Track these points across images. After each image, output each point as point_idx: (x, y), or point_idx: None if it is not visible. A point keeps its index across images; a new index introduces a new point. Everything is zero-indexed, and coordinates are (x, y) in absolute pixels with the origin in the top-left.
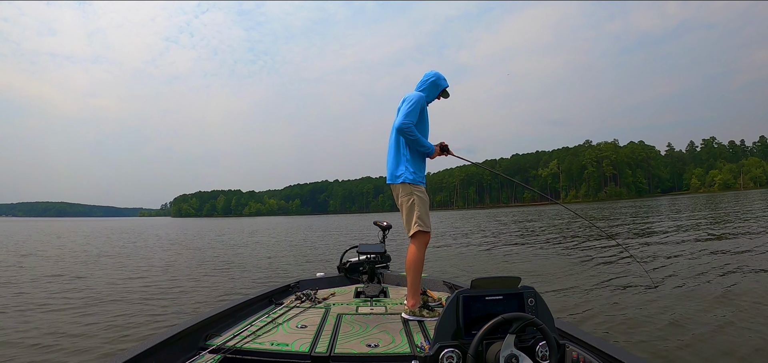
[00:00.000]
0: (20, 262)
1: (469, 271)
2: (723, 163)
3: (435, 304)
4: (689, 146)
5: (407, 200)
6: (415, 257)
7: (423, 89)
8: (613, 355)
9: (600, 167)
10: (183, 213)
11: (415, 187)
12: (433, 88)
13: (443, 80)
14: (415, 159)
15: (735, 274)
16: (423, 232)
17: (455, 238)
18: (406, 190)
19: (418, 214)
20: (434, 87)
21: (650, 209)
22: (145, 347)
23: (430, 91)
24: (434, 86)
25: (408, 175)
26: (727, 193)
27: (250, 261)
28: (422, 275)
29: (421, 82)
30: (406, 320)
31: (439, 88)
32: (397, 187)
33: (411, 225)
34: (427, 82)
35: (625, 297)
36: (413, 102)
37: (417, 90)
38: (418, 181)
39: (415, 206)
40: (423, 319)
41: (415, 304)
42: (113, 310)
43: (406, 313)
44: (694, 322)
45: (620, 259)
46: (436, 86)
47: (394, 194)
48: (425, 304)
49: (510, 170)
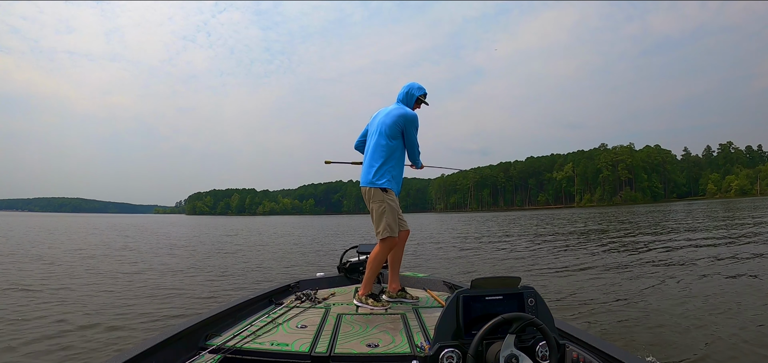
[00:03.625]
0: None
1: (470, 271)
2: (740, 169)
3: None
4: (706, 151)
5: (379, 206)
6: (378, 257)
7: (405, 102)
8: (613, 355)
9: (615, 171)
10: (197, 211)
11: (387, 194)
12: (409, 99)
13: (417, 90)
14: (398, 169)
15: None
16: (390, 237)
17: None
18: (378, 196)
19: (387, 223)
20: (409, 97)
21: (665, 214)
22: (145, 347)
23: (409, 103)
24: (409, 96)
25: (385, 182)
26: (743, 199)
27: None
28: (422, 275)
29: (402, 93)
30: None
31: (413, 98)
32: (370, 191)
33: (379, 229)
34: (405, 92)
35: (625, 297)
36: (416, 127)
37: (398, 101)
38: (393, 188)
39: (385, 214)
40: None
41: (365, 293)
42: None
43: (356, 299)
44: (694, 322)
45: (621, 260)
46: (410, 96)
47: (365, 197)
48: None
49: (525, 173)
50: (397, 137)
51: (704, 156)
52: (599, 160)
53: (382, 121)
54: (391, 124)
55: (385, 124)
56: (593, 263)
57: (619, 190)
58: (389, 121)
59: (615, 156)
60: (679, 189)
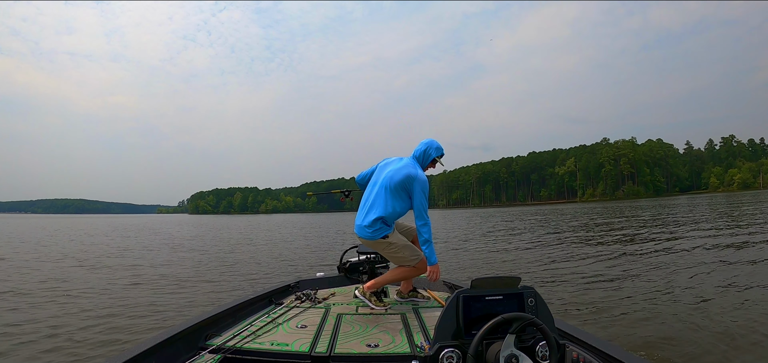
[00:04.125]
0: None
1: (470, 270)
2: (742, 162)
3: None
4: (708, 144)
5: (387, 249)
6: (405, 273)
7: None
8: (613, 355)
9: (617, 165)
10: (200, 210)
11: (391, 237)
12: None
13: (435, 150)
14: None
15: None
16: (420, 259)
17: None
18: (383, 243)
19: (404, 256)
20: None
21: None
22: (145, 347)
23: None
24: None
25: (385, 231)
26: (746, 193)
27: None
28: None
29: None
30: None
31: (430, 159)
32: (374, 243)
33: (410, 263)
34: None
35: (626, 297)
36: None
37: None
38: (391, 229)
39: (403, 251)
40: (367, 304)
41: (370, 289)
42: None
43: (359, 291)
44: (695, 322)
45: (622, 260)
46: (427, 156)
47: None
48: (376, 293)
49: (527, 168)
50: (401, 197)
51: (706, 150)
52: (601, 155)
53: (390, 175)
54: (399, 183)
55: (392, 180)
56: (594, 262)
57: (622, 184)
58: (397, 179)
59: (617, 150)
60: (681, 183)
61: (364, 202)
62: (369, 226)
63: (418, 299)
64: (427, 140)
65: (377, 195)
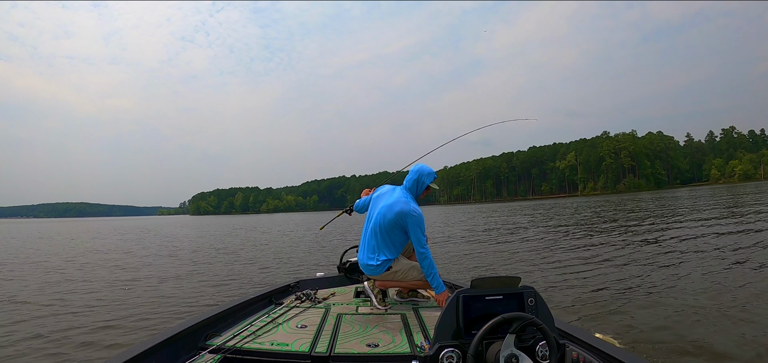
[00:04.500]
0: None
1: (470, 270)
2: (743, 153)
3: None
4: (708, 136)
5: (394, 277)
6: (417, 282)
7: (413, 189)
8: (613, 355)
9: (618, 159)
10: (201, 211)
11: (394, 265)
12: (419, 187)
13: (427, 176)
14: (399, 246)
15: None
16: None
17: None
18: (388, 275)
19: (414, 277)
20: (420, 185)
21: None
22: (145, 347)
23: (418, 191)
24: (419, 184)
25: (388, 261)
26: (747, 184)
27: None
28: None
29: (410, 180)
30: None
31: (424, 186)
32: (376, 278)
33: (418, 279)
34: (415, 180)
35: (626, 297)
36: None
37: (405, 187)
38: (393, 257)
39: (408, 273)
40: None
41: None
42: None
43: (368, 284)
44: (695, 323)
45: (622, 258)
46: (421, 184)
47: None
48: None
49: (527, 163)
50: (396, 234)
51: (707, 141)
52: (602, 148)
53: (383, 213)
54: (391, 222)
55: (385, 218)
56: (594, 260)
57: (623, 177)
58: (389, 218)
59: (617, 143)
60: (682, 175)
61: (363, 239)
62: (372, 265)
63: (418, 299)
64: (418, 167)
65: (372, 236)
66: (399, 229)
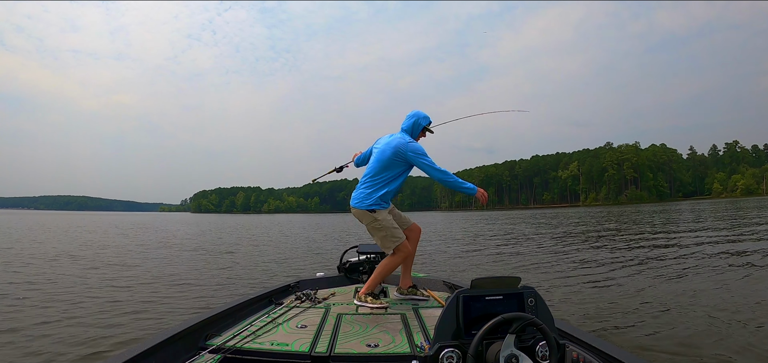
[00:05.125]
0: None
1: (470, 271)
2: (746, 168)
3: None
4: (712, 150)
5: (375, 228)
6: (389, 265)
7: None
8: (613, 355)
9: (621, 170)
10: (202, 209)
11: (378, 214)
12: (415, 129)
13: (423, 119)
14: (389, 194)
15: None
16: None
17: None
18: (369, 216)
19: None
20: (416, 127)
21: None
22: (145, 347)
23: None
24: (416, 126)
25: (373, 204)
26: (749, 198)
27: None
28: (422, 275)
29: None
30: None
31: (420, 128)
32: (360, 212)
33: (388, 247)
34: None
35: (626, 297)
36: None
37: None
38: (384, 207)
39: (385, 231)
40: (365, 305)
41: (365, 292)
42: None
43: (355, 298)
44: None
45: (623, 261)
46: (417, 126)
47: (356, 216)
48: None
49: (530, 171)
50: (391, 168)
51: (710, 155)
52: (604, 159)
53: (382, 149)
54: (390, 155)
55: (384, 153)
56: (595, 263)
57: (625, 188)
58: (388, 152)
59: (620, 155)
60: (684, 188)
61: (363, 177)
62: (359, 195)
63: (418, 297)
64: (414, 112)
65: (370, 170)
66: (398, 162)
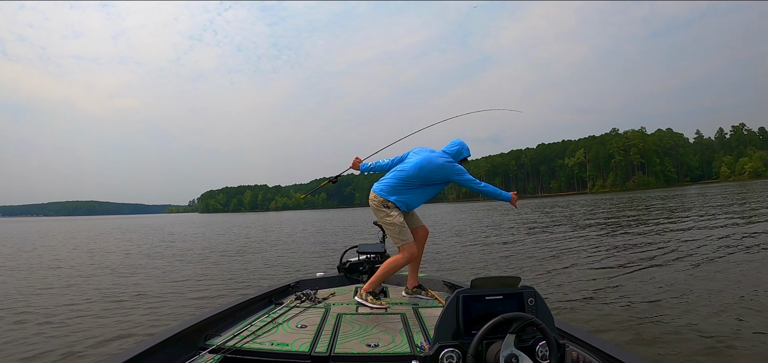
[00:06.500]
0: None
1: (470, 270)
2: (753, 150)
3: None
4: (718, 133)
5: (386, 223)
6: (396, 263)
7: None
8: (613, 355)
9: (627, 156)
10: (210, 209)
11: (393, 210)
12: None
13: (466, 151)
14: (412, 201)
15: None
16: (406, 244)
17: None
18: (383, 209)
19: (393, 231)
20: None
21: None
22: (145, 347)
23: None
24: (458, 155)
25: (394, 199)
26: (757, 181)
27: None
28: (422, 275)
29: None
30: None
31: (461, 157)
32: (380, 201)
33: (396, 241)
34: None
35: (626, 296)
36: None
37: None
38: (401, 209)
39: (391, 225)
40: (365, 305)
41: (367, 290)
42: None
43: (357, 296)
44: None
45: (625, 255)
46: (459, 155)
47: (372, 204)
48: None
49: (536, 160)
50: (428, 180)
51: (717, 138)
52: (611, 145)
53: (427, 159)
54: (433, 169)
55: (428, 164)
56: (595, 260)
57: (632, 174)
58: (432, 166)
59: (627, 140)
60: (692, 172)
61: (392, 170)
62: (386, 186)
63: (421, 296)
64: (459, 141)
65: (407, 173)
66: (434, 180)
